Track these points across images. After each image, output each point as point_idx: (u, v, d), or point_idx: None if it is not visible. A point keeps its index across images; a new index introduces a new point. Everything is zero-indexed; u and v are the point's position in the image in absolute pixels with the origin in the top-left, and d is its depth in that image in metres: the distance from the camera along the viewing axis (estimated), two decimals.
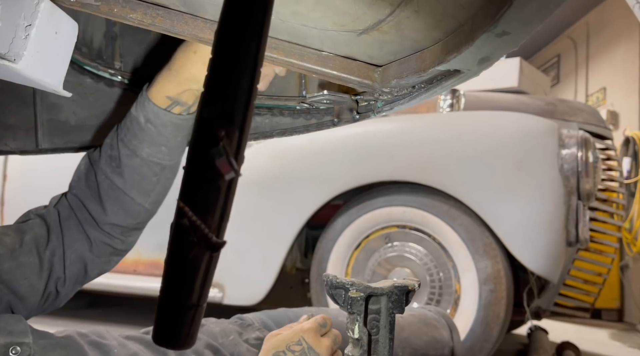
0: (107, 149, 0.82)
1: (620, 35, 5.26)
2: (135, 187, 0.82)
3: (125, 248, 0.87)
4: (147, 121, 0.79)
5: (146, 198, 0.84)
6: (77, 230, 0.82)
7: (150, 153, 0.81)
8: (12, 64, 0.56)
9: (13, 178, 2.62)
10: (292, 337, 0.75)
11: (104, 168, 0.81)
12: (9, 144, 0.97)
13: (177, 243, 0.33)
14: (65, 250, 0.80)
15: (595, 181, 2.05)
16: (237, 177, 0.33)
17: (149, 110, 0.79)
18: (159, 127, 0.79)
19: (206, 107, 0.33)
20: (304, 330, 0.76)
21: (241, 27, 0.32)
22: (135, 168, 0.81)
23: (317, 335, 0.76)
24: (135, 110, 0.80)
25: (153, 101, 0.78)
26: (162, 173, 0.83)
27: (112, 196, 0.81)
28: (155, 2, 0.62)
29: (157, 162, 0.82)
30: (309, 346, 0.74)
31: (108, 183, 0.81)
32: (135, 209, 0.83)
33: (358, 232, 2.17)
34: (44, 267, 0.77)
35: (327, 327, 0.80)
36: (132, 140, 0.80)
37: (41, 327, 0.75)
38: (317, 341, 0.76)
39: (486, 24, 0.39)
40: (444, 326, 1.03)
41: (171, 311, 0.33)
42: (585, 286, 2.36)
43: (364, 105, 0.69)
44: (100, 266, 0.85)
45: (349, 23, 0.51)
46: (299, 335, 0.75)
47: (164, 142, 0.81)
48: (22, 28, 0.57)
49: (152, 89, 0.79)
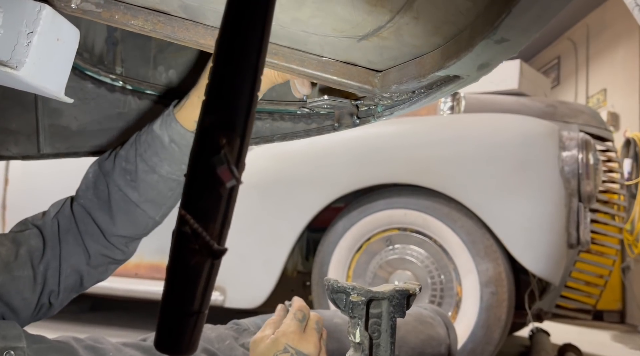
0: (121, 161, 0.81)
1: (620, 36, 5.26)
2: (149, 201, 0.81)
3: (124, 258, 0.87)
4: (171, 141, 0.79)
5: (158, 212, 0.83)
6: (75, 244, 0.81)
7: (170, 171, 0.80)
8: (14, 71, 0.56)
9: (14, 182, 2.63)
10: (276, 345, 0.72)
11: (118, 180, 0.81)
12: (10, 149, 0.98)
13: (179, 251, 0.33)
14: (62, 264, 0.79)
15: (596, 183, 2.05)
16: (238, 185, 0.33)
17: (175, 131, 0.78)
18: (183, 148, 0.79)
19: (207, 115, 0.33)
20: (286, 335, 0.73)
21: (241, 36, 0.33)
22: (152, 184, 0.80)
23: (300, 335, 0.74)
24: (159, 129, 0.79)
25: (181, 123, 0.78)
26: (177, 188, 0.83)
27: (124, 208, 0.81)
28: (156, 8, 0.62)
29: (175, 179, 0.81)
30: (297, 351, 0.72)
31: (121, 196, 0.80)
32: (145, 222, 0.83)
33: (359, 234, 2.17)
34: (38, 281, 0.76)
35: (305, 320, 0.77)
36: (152, 157, 0.79)
37: (43, 331, 0.75)
38: (303, 341, 0.73)
39: (485, 31, 0.39)
40: (440, 324, 1.04)
41: (173, 318, 0.33)
42: (587, 288, 2.36)
43: (364, 110, 0.69)
44: (97, 276, 0.84)
45: (349, 29, 0.52)
46: (282, 342, 0.72)
47: (185, 161, 0.80)
48: (24, 35, 0.58)
49: (180, 112, 0.79)
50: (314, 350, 0.73)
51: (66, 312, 0.90)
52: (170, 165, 0.80)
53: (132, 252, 0.88)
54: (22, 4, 0.58)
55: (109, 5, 0.62)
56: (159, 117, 0.81)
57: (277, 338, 0.73)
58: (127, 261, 0.88)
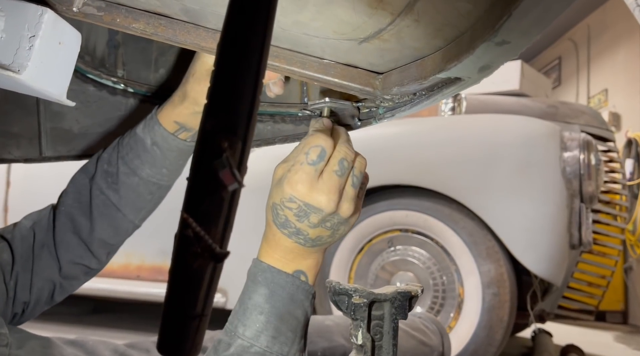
0: (103, 164, 0.81)
1: (621, 36, 5.26)
2: (130, 204, 0.81)
3: (99, 268, 0.85)
4: (153, 144, 0.79)
5: (137, 215, 0.83)
6: (49, 257, 0.79)
7: (150, 174, 0.80)
8: (16, 75, 0.57)
9: (16, 185, 2.63)
10: (282, 191, 0.61)
11: (99, 183, 0.81)
12: (13, 153, 0.98)
13: (181, 254, 0.33)
14: (33, 278, 0.78)
15: (597, 183, 2.05)
16: (240, 188, 0.33)
17: (158, 133, 0.78)
18: (165, 151, 0.79)
19: (209, 119, 0.33)
20: (291, 184, 0.59)
21: (243, 40, 0.33)
22: (132, 187, 0.80)
23: (311, 184, 0.59)
24: (142, 132, 0.79)
25: (163, 125, 0.78)
26: (157, 192, 0.83)
27: (104, 212, 0.80)
28: (157, 11, 0.62)
29: (155, 182, 0.81)
30: (305, 203, 0.60)
31: (102, 199, 0.80)
32: (125, 226, 0.83)
33: (361, 236, 2.17)
34: (9, 295, 0.75)
35: (324, 160, 0.60)
36: (133, 160, 0.79)
37: (43, 332, 0.76)
38: (313, 192, 0.59)
39: (486, 34, 0.39)
40: (434, 332, 1.03)
41: (176, 322, 0.33)
42: (589, 289, 2.36)
43: (366, 112, 0.69)
44: (68, 289, 0.83)
45: (350, 32, 0.52)
46: (288, 192, 0.60)
47: (167, 165, 0.81)
48: (26, 39, 0.58)
49: (162, 113, 0.79)
50: (328, 203, 0.59)
51: (68, 314, 0.90)
52: (151, 168, 0.80)
53: (107, 262, 0.86)
54: (24, 8, 0.58)
55: (111, 9, 0.62)
56: (142, 120, 0.81)
57: (285, 182, 0.60)
58: (100, 271, 0.86)
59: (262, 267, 0.63)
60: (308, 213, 0.61)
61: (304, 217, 0.61)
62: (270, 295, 0.61)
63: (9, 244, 0.78)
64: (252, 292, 0.62)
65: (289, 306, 0.62)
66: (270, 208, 0.64)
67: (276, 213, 0.63)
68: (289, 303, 0.62)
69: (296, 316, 0.63)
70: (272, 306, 0.61)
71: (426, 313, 1.12)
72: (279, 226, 0.63)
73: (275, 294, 0.61)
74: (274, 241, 0.64)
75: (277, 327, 0.61)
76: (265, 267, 0.63)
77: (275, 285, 0.62)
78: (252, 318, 0.60)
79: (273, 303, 0.61)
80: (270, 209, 0.64)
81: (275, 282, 0.62)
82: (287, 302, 0.62)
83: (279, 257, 0.64)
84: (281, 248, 0.64)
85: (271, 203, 0.63)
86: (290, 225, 0.62)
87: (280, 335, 0.61)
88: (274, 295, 0.61)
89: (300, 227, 0.62)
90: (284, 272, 0.63)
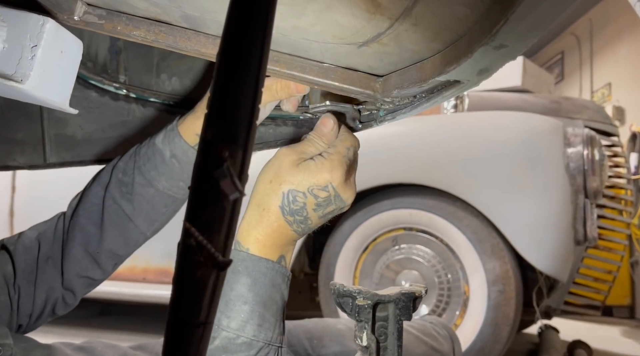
0: (118, 173, 0.80)
1: (624, 30, 5.24)
2: (143, 215, 0.80)
3: (103, 279, 0.84)
4: (172, 156, 0.77)
5: (150, 227, 0.82)
6: (53, 270, 0.78)
7: (167, 186, 0.78)
8: (19, 85, 0.57)
9: (21, 190, 2.65)
10: (315, 176, 0.61)
11: (113, 192, 0.79)
12: (17, 159, 0.99)
13: (184, 263, 0.33)
14: (36, 290, 0.77)
15: (602, 179, 2.04)
16: (242, 197, 0.33)
17: (178, 146, 0.76)
18: (184, 165, 0.77)
19: (209, 129, 0.33)
20: (333, 171, 0.61)
21: (242, 50, 0.33)
22: (147, 198, 0.79)
23: (345, 177, 0.63)
24: (161, 143, 0.77)
25: (183, 137, 0.76)
26: (172, 205, 0.81)
27: (116, 222, 0.79)
28: (158, 18, 0.63)
29: (171, 195, 0.79)
30: (337, 195, 0.62)
31: (115, 209, 0.79)
32: (136, 237, 0.81)
33: (365, 235, 2.17)
34: (13, 307, 0.75)
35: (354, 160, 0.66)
36: (150, 171, 0.78)
37: (51, 336, 0.76)
38: (347, 187, 0.63)
39: (484, 37, 0.39)
40: (444, 337, 1.03)
41: (180, 330, 0.34)
42: (596, 284, 2.35)
43: (367, 115, 0.69)
44: (70, 302, 0.82)
45: (349, 36, 0.52)
46: (327, 180, 0.61)
47: (184, 178, 0.79)
48: (28, 49, 0.58)
49: (183, 124, 0.77)
50: (352, 198, 0.64)
51: (75, 317, 0.91)
52: (168, 181, 0.78)
53: (111, 273, 0.85)
54: (25, 18, 0.59)
55: (112, 17, 0.62)
56: (162, 130, 0.79)
57: (324, 170, 0.61)
58: (102, 282, 0.85)
59: (240, 257, 0.62)
60: (330, 204, 0.62)
61: (322, 207, 0.62)
62: (253, 283, 0.60)
63: (11, 255, 0.76)
64: (234, 283, 0.60)
65: (270, 292, 0.61)
66: (280, 192, 0.62)
67: (292, 199, 0.61)
68: (270, 289, 0.61)
69: (276, 300, 0.62)
70: (255, 294, 0.60)
71: (437, 318, 1.12)
72: (286, 212, 0.62)
73: (258, 282, 0.60)
74: (266, 224, 0.62)
75: (261, 315, 0.60)
76: (244, 256, 0.61)
77: (257, 273, 0.61)
78: (237, 309, 0.59)
79: (256, 292, 0.60)
80: (279, 194, 0.62)
81: (256, 270, 0.61)
82: (269, 288, 0.61)
83: (265, 240, 0.62)
84: (273, 232, 0.62)
85: (286, 188, 0.62)
86: (303, 213, 0.62)
87: (265, 322, 0.60)
88: (256, 283, 0.60)
89: (310, 216, 0.62)
90: (263, 259, 0.62)
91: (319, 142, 0.65)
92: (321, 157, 0.63)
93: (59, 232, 0.80)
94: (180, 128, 0.77)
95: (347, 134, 0.66)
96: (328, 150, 0.64)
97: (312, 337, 0.92)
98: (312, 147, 0.65)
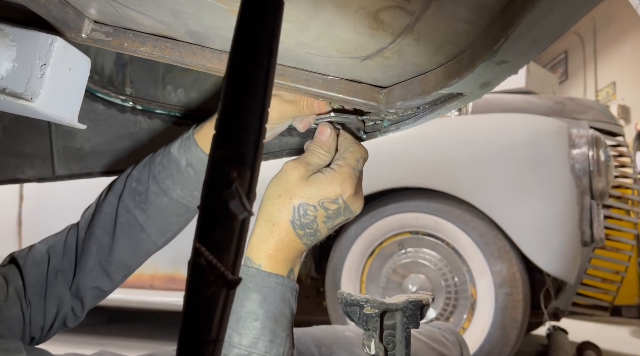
0: (132, 182, 0.79)
1: (627, 29, 5.22)
2: (156, 225, 0.79)
3: (111, 290, 0.83)
4: (188, 165, 0.76)
5: (162, 237, 0.81)
6: (63, 283, 0.78)
7: (181, 195, 0.78)
8: (29, 103, 0.58)
9: (29, 199, 2.67)
10: (326, 189, 0.62)
11: (127, 201, 0.79)
12: (26, 172, 1.00)
13: (194, 282, 0.34)
14: (46, 303, 0.77)
15: (607, 179, 2.04)
16: (250, 216, 0.34)
17: (194, 155, 0.76)
18: (199, 173, 0.77)
19: (218, 150, 0.34)
20: (344, 184, 0.62)
21: (248, 73, 0.34)
22: (161, 207, 0.78)
23: (355, 190, 0.64)
24: (177, 152, 0.77)
25: (200, 145, 0.76)
26: (185, 215, 0.81)
27: (128, 232, 0.79)
28: (163, 34, 0.64)
29: (185, 204, 0.79)
30: (346, 207, 0.63)
31: (127, 218, 0.78)
32: (147, 247, 0.81)
33: (371, 239, 2.18)
34: (26, 321, 0.75)
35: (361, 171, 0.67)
36: (165, 180, 0.77)
37: (60, 343, 0.76)
38: (357, 198, 0.64)
39: (485, 53, 0.40)
40: (453, 343, 1.03)
41: (192, 348, 0.34)
42: (604, 285, 2.34)
43: (371, 125, 0.70)
44: (79, 313, 0.82)
45: (352, 51, 0.53)
46: (338, 193, 0.62)
47: (199, 187, 0.77)
48: (38, 67, 0.59)
49: (199, 133, 0.76)
50: (360, 209, 0.65)
51: (84, 325, 0.91)
52: (183, 190, 0.78)
53: (120, 284, 0.84)
54: (34, 37, 0.60)
55: (118, 34, 0.63)
56: (177, 139, 0.79)
57: (332, 187, 0.62)
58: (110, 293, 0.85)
59: (250, 273, 0.61)
60: (339, 216, 0.63)
61: (332, 219, 0.63)
62: (264, 300, 0.60)
63: (20, 270, 0.76)
64: (244, 299, 0.60)
65: (281, 307, 0.61)
66: (290, 207, 0.62)
67: (303, 213, 0.62)
68: (281, 304, 0.61)
69: (286, 315, 0.62)
70: (266, 310, 0.60)
71: (445, 324, 1.12)
72: (297, 226, 0.62)
73: (269, 298, 0.60)
74: (277, 239, 0.62)
75: (272, 330, 0.60)
76: (254, 272, 0.61)
77: (267, 289, 0.61)
78: (248, 326, 0.59)
79: (267, 308, 0.60)
80: (289, 208, 0.62)
81: (266, 286, 0.61)
82: (279, 304, 0.61)
83: (276, 255, 0.62)
84: (283, 247, 0.62)
85: (297, 202, 0.62)
86: (313, 225, 0.62)
87: (276, 338, 0.60)
88: (267, 300, 0.60)
89: (320, 229, 0.63)
90: (273, 275, 0.62)
91: (320, 151, 0.66)
92: (331, 169, 0.64)
93: (69, 246, 0.80)
94: (196, 136, 0.77)
95: (357, 146, 0.66)
96: (337, 161, 0.65)
97: (321, 345, 0.93)
98: (315, 157, 0.66)
